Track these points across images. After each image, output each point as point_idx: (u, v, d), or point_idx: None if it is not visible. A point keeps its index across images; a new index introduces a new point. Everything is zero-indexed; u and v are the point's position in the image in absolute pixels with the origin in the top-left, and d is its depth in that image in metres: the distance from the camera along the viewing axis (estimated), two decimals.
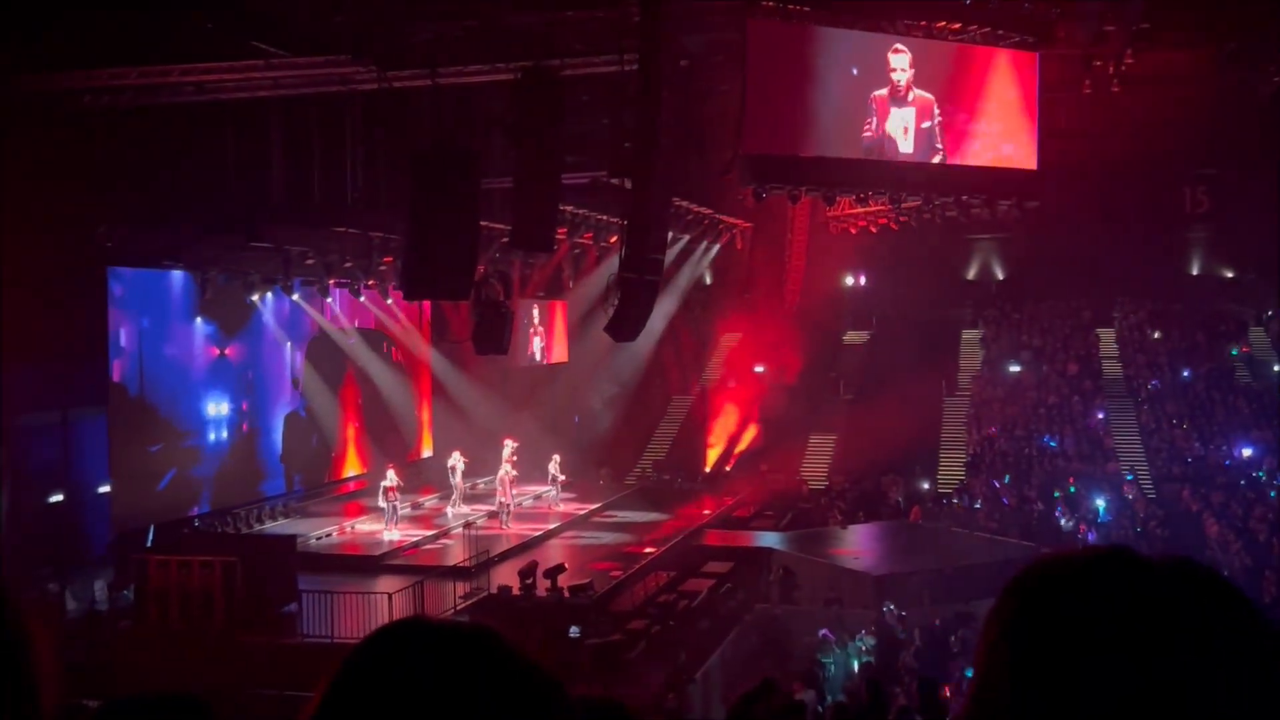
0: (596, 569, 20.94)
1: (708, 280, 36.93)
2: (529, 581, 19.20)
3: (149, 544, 19.53)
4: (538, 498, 27.29)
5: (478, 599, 18.86)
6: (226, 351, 23.19)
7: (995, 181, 19.15)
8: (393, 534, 22.73)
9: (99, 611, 18.05)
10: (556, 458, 26.60)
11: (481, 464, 26.32)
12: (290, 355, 25.52)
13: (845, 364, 35.44)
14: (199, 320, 22.29)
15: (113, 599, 18.41)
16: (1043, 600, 1.10)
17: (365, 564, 20.92)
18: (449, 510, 25.17)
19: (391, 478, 22.95)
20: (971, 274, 37.64)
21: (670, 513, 26.94)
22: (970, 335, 35.91)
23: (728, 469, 32.25)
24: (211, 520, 22.25)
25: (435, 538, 23.30)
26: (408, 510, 25.08)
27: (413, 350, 29.59)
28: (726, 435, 33.12)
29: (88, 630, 17.09)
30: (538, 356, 31.77)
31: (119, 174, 18.38)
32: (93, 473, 19.82)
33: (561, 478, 26.64)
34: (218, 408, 22.89)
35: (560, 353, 33.38)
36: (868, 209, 24.53)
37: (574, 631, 17.31)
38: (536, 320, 31.56)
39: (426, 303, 27.14)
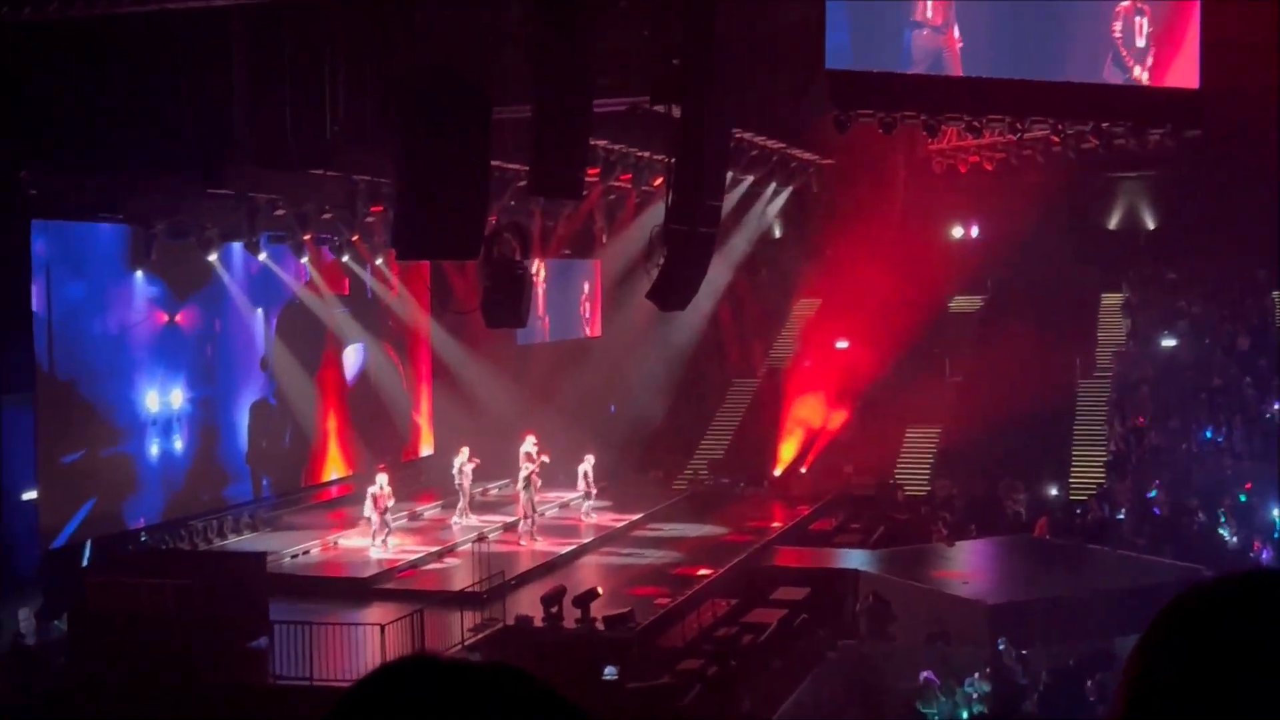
0: (638, 595, 21.03)
1: (777, 233, 36.75)
2: (554, 610, 19.32)
3: (85, 562, 19.84)
4: (565, 506, 27.41)
5: (491, 632, 19.01)
6: (178, 321, 23.46)
7: (1145, 104, 18.90)
8: (382, 551, 22.96)
9: (25, 646, 18.39)
10: (589, 457, 26.71)
11: (494, 464, 26.49)
12: (260, 328, 25.76)
13: (952, 338, 35.21)
14: (143, 284, 22.55)
15: (42, 630, 18.74)
16: (1203, 620, 1.21)
17: (351, 588, 21.14)
18: (455, 521, 25.38)
19: (381, 484, 23.15)
20: (1114, 222, 37.20)
21: (731, 525, 27.00)
22: (1112, 300, 35.54)
23: (803, 470, 32.20)
24: (162, 533, 22.56)
25: (438, 555, 23.51)
26: (404, 521, 25.29)
27: (408, 323, 29.78)
28: (801, 428, 33.06)
29: (12, 669, 17.43)
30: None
31: (46, 110, 18.58)
32: (16, 476, 20.14)
33: (592, 480, 26.69)
34: (167, 394, 23.15)
35: (593, 325, 33.44)
36: (981, 141, 24.27)
37: (610, 673, 17.41)
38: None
39: (425, 264, 27.28)
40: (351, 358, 28.40)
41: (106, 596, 17.41)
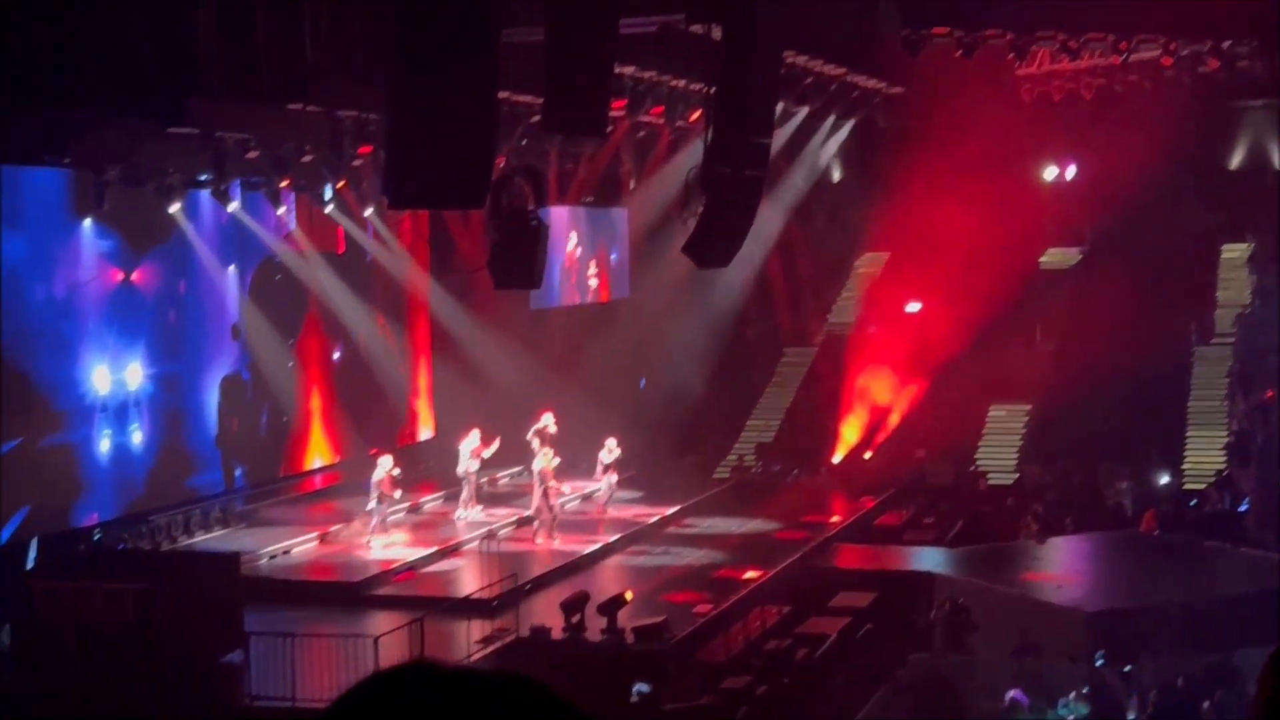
0: (674, 602, 21.13)
1: (836, 175, 36.65)
2: (576, 619, 19.43)
3: (31, 564, 20.00)
4: (587, 498, 27.48)
5: (503, 644, 19.15)
6: (135, 280, 23.53)
7: (1275, 19, 18.70)
8: (379, 549, 23.09)
9: None
10: (612, 440, 26.76)
11: (505, 449, 26.56)
12: (231, 290, 25.83)
13: (1044, 299, 35.10)
14: (93, 237, 22.62)
15: None
16: None
17: (340, 594, 21.30)
18: (459, 516, 25.48)
19: (386, 467, 23.22)
20: (1237, 160, 36.91)
21: (782, 520, 27.04)
22: (1234, 253, 35.37)
23: (867, 456, 32.23)
24: (120, 531, 22.72)
25: (441, 556, 23.65)
26: (401, 516, 25.41)
27: (404, 284, 29.84)
28: (866, 406, 33.05)
29: None
30: (590, 295, 31.88)
31: None
32: None
33: (618, 454, 26.69)
34: (121, 369, 23.22)
35: (619, 286, 33.42)
36: (1079, 64, 24.12)
37: (641, 690, 17.47)
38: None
39: (423, 214, 27.30)
40: (339, 325, 28.43)
41: (56, 604, 17.54)
